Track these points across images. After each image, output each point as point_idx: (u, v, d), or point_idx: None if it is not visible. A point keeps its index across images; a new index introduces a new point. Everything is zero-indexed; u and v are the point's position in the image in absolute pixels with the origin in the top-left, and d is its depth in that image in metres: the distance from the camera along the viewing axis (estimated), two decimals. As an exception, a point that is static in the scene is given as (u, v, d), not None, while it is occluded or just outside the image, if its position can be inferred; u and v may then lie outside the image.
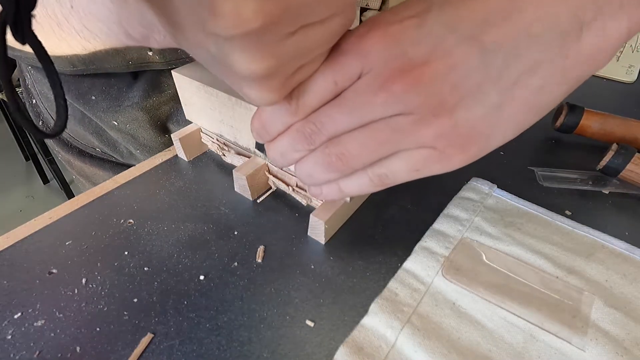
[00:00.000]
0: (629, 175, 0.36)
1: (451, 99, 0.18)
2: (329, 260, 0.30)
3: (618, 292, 0.27)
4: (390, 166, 0.21)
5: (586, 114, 0.41)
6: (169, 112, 0.47)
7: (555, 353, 0.24)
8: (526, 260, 0.29)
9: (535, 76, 0.17)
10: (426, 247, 0.30)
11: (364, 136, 0.20)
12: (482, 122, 0.18)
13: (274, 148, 0.23)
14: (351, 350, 0.24)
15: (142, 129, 0.46)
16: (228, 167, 0.39)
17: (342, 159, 0.21)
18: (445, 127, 0.18)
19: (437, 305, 0.27)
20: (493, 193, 0.35)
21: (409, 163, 0.20)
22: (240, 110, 0.32)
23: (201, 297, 0.27)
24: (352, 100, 0.19)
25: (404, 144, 0.19)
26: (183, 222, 0.33)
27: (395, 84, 0.18)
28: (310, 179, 0.23)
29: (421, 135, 0.19)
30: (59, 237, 0.31)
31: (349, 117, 0.19)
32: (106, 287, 0.28)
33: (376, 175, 0.21)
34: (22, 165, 1.93)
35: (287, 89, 0.19)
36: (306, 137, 0.21)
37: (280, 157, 0.23)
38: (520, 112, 0.19)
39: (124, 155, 0.51)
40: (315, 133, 0.20)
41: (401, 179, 0.21)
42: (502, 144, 0.20)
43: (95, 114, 0.45)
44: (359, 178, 0.22)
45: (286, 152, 0.22)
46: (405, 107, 0.18)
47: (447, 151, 0.19)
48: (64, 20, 0.24)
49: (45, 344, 0.25)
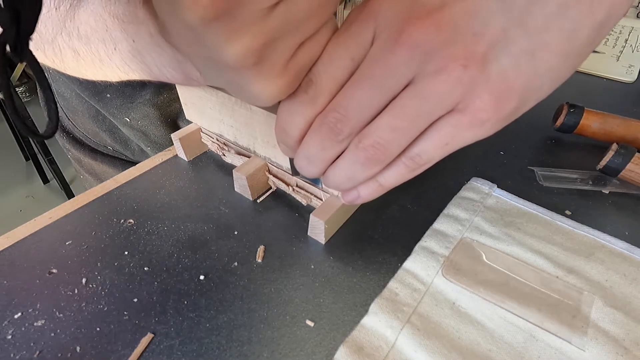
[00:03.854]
0: (629, 175, 0.36)
1: (477, 48, 0.16)
2: (329, 260, 0.30)
3: (618, 292, 0.27)
4: (420, 145, 0.19)
5: (586, 113, 0.41)
6: (178, 109, 0.49)
7: (555, 353, 0.24)
8: (526, 260, 0.29)
9: (565, 19, 0.16)
10: (426, 247, 0.30)
11: (393, 117, 0.18)
12: (515, 73, 0.16)
13: (300, 154, 0.21)
14: (351, 350, 0.24)
15: (153, 125, 0.48)
16: (228, 167, 0.39)
17: (379, 148, 0.18)
18: (477, 81, 0.16)
19: (437, 305, 0.27)
20: (493, 193, 0.35)
21: (439, 138, 0.18)
22: (240, 110, 0.32)
23: (201, 297, 0.27)
24: (370, 70, 0.17)
25: (436, 111, 0.17)
26: (183, 222, 0.33)
27: (412, 32, 0.16)
28: (350, 182, 0.21)
29: (452, 95, 0.16)
30: (59, 237, 0.31)
31: (371, 90, 0.17)
32: (106, 287, 0.28)
33: (409, 158, 0.19)
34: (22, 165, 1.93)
35: (293, 74, 0.17)
36: (331, 129, 0.19)
37: (307, 163, 0.21)
38: (556, 60, 0.16)
39: (135, 152, 0.51)
40: (339, 121, 0.18)
41: (434, 156, 0.19)
42: (539, 99, 0.18)
43: (109, 110, 0.46)
44: (396, 166, 0.20)
45: (313, 153, 0.20)
46: (428, 57, 0.16)
47: (480, 115, 0.17)
48: (107, 58, 0.25)
49: (46, 343, 0.25)
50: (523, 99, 0.17)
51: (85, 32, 0.24)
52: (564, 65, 0.17)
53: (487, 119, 0.17)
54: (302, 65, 0.18)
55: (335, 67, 0.18)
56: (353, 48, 0.17)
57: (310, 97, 0.19)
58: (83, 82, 0.44)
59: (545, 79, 0.17)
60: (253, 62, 0.16)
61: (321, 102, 0.19)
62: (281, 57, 0.16)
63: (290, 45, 0.16)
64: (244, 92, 0.18)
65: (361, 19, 0.17)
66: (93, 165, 0.54)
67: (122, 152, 0.52)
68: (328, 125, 0.19)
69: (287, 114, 0.20)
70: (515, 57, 0.16)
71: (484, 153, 0.41)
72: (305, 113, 0.19)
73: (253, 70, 0.16)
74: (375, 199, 0.23)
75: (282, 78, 0.17)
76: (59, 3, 0.24)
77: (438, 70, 0.16)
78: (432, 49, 0.16)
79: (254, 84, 0.17)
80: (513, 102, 0.17)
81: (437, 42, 0.16)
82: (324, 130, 0.19)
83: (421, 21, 0.16)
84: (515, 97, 0.17)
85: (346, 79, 0.18)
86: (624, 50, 0.63)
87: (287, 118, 0.20)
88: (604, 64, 0.59)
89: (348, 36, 0.17)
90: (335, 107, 0.18)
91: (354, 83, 0.18)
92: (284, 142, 0.21)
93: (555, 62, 0.16)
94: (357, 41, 0.17)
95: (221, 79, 0.18)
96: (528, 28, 0.16)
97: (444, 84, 0.16)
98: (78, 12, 0.24)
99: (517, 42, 0.16)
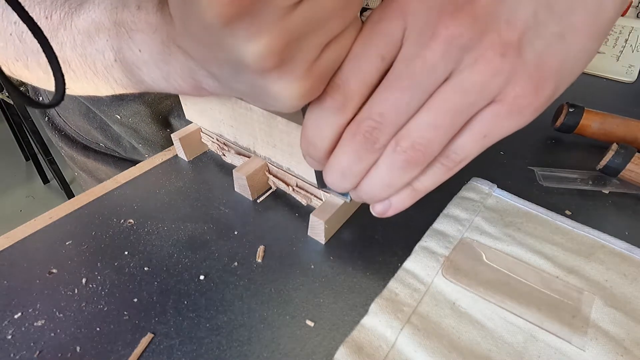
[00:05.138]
0: (629, 175, 0.36)
1: (512, 34, 0.16)
2: (329, 260, 0.30)
3: (618, 292, 0.27)
4: (458, 141, 0.18)
5: (586, 113, 0.41)
6: (170, 107, 0.48)
7: (555, 353, 0.24)
8: (526, 260, 0.29)
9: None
10: (426, 247, 0.30)
11: (433, 114, 0.17)
12: (550, 55, 0.16)
13: (331, 169, 0.19)
14: (351, 350, 0.24)
15: (144, 122, 0.47)
16: (228, 167, 0.39)
17: (419, 149, 0.17)
18: (516, 67, 0.16)
19: (437, 305, 0.27)
20: (493, 193, 0.35)
21: (478, 129, 0.17)
22: (240, 110, 0.32)
23: (201, 297, 0.27)
24: (406, 69, 0.16)
25: (476, 104, 0.17)
26: (183, 222, 0.33)
27: (448, 26, 0.15)
28: (387, 191, 0.19)
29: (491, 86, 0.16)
30: (59, 237, 0.31)
31: (408, 91, 0.16)
32: (106, 287, 0.28)
33: (446, 157, 0.19)
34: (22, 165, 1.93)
35: (318, 77, 0.16)
36: (367, 138, 0.17)
37: (341, 177, 0.19)
38: (584, 40, 0.16)
39: (127, 150, 0.51)
40: (375, 128, 0.17)
41: (472, 151, 0.18)
42: (574, 78, 0.18)
43: (100, 108, 0.46)
44: (433, 168, 0.19)
45: (348, 167, 0.19)
46: (465, 50, 0.16)
47: (520, 102, 0.16)
48: (103, 70, 0.23)
49: (46, 343, 0.25)
50: (558, 82, 0.17)
51: (82, 41, 0.23)
52: (592, 45, 0.17)
53: (527, 105, 0.17)
54: (327, 67, 0.17)
55: (365, 68, 0.17)
56: (382, 47, 0.17)
57: (338, 104, 0.17)
58: None
59: (577, 60, 0.17)
60: (275, 63, 0.15)
61: (351, 108, 0.17)
62: (305, 58, 0.16)
63: (314, 45, 0.16)
64: (264, 97, 0.17)
65: (388, 16, 0.16)
66: (86, 163, 0.54)
67: (114, 149, 0.53)
68: (363, 134, 0.17)
69: (314, 124, 0.18)
70: (548, 40, 0.16)
71: (484, 153, 0.41)
72: (335, 122, 0.18)
73: (275, 73, 0.15)
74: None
75: (306, 80, 0.16)
76: (51, 11, 0.23)
77: (476, 62, 0.16)
78: (469, 41, 0.16)
79: (275, 87, 0.16)
80: (550, 86, 0.17)
81: (472, 34, 0.15)
82: (359, 140, 0.18)
83: (455, 14, 0.15)
84: (552, 80, 0.17)
85: (376, 81, 0.17)
86: (624, 50, 0.63)
87: (315, 129, 0.19)
88: (604, 64, 0.59)
89: (376, 35, 0.17)
90: (369, 114, 0.17)
91: (388, 85, 0.17)
92: (312, 155, 0.20)
93: (584, 42, 0.16)
94: (386, 40, 0.16)
95: (239, 85, 0.18)
96: (555, 11, 0.16)
97: (484, 75, 0.16)
98: (76, 20, 0.22)
99: (547, 25, 0.16)
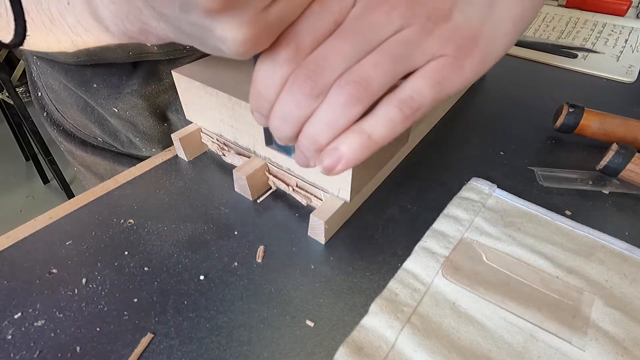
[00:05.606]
0: (629, 175, 0.36)
1: (444, 5, 0.18)
2: (329, 260, 0.30)
3: (618, 292, 0.27)
4: (412, 86, 0.19)
5: (586, 113, 0.41)
6: (167, 101, 0.49)
7: (555, 353, 0.24)
8: (526, 260, 0.29)
9: None
10: (426, 247, 0.30)
11: (374, 55, 0.18)
12: (479, 22, 0.19)
13: (274, 114, 0.19)
14: (351, 350, 0.24)
15: (141, 116, 0.47)
16: (228, 167, 0.39)
17: (361, 83, 0.18)
18: (447, 32, 0.18)
19: (437, 305, 0.27)
20: (493, 193, 0.35)
21: (428, 77, 0.19)
22: (240, 111, 0.32)
23: (201, 297, 0.27)
24: (351, 25, 0.18)
25: (416, 57, 0.18)
26: (183, 222, 0.33)
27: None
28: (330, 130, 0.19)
29: (428, 44, 0.18)
30: (59, 237, 0.31)
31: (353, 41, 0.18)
32: (106, 287, 0.28)
33: (402, 101, 0.19)
34: (22, 165, 1.93)
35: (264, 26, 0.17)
36: (308, 78, 0.18)
37: (283, 122, 0.19)
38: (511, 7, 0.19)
39: (125, 144, 0.51)
40: (316, 71, 0.18)
41: (427, 98, 0.19)
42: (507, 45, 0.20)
43: (97, 101, 0.46)
44: (387, 112, 0.19)
45: (289, 111, 0.19)
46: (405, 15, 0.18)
47: (458, 56, 0.19)
48: (58, 16, 0.23)
49: (45, 344, 0.25)
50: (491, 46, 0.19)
51: None
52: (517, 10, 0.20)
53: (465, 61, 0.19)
54: (275, 18, 0.17)
55: (318, 27, 0.18)
56: (336, 9, 0.18)
57: (289, 56, 0.18)
58: (69, 72, 0.45)
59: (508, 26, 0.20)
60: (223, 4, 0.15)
61: (301, 59, 0.18)
62: (254, 5, 0.16)
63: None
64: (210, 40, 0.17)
65: None
66: (85, 157, 0.54)
67: (112, 144, 0.53)
68: (304, 74, 0.18)
69: (264, 74, 0.19)
70: (478, 9, 0.19)
71: (484, 153, 0.41)
72: (284, 72, 0.18)
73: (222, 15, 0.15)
74: (375, 199, 0.22)
75: (253, 27, 0.16)
76: None
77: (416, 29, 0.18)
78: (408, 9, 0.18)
79: (221, 30, 0.16)
80: (482, 48, 0.19)
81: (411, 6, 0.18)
82: (300, 81, 0.18)
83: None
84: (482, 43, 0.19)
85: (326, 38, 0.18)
86: (624, 50, 0.63)
87: (263, 79, 0.19)
88: (604, 64, 0.59)
89: None
90: (314, 58, 0.18)
91: (334, 36, 0.18)
92: (259, 107, 0.20)
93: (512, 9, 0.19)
94: (340, 3, 0.18)
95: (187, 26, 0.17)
96: None
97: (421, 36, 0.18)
98: None
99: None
